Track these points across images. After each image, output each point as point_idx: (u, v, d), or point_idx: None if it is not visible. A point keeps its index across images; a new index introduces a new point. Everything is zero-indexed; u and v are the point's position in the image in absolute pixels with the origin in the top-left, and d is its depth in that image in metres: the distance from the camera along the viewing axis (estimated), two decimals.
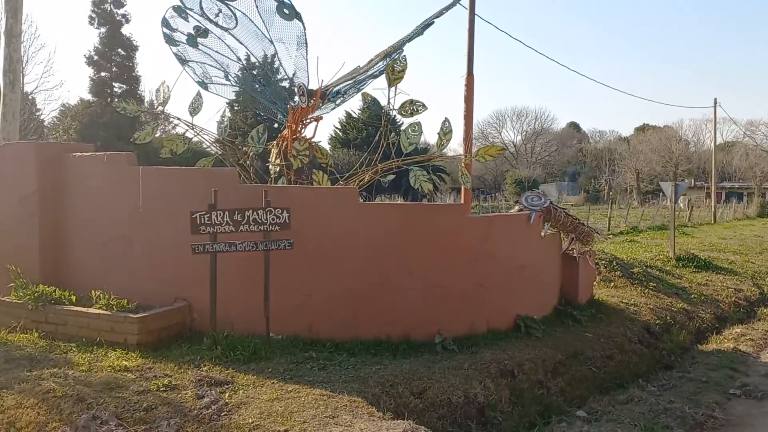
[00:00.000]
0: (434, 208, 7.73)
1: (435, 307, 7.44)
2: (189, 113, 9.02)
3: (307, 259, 7.01)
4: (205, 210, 6.40)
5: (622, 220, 31.25)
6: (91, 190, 7.60)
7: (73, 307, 6.90)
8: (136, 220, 7.34)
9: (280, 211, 6.51)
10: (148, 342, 6.55)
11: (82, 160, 7.63)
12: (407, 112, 8.79)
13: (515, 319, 8.23)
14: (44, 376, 5.53)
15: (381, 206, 7.53)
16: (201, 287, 6.88)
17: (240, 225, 6.45)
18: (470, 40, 11.37)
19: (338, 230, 7.11)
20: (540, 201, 8.53)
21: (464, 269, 7.63)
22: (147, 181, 7.27)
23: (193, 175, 7.30)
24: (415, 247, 7.34)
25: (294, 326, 7.06)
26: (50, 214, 7.72)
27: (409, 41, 8.91)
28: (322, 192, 7.24)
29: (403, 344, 7.19)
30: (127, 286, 7.27)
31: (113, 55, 45.21)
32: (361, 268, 7.18)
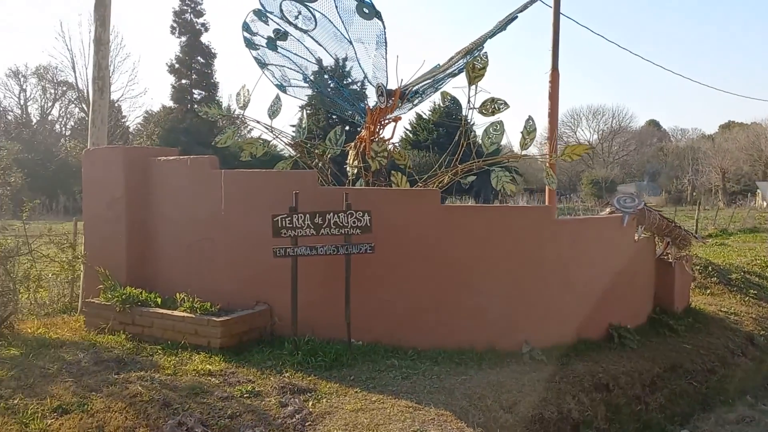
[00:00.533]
0: (520, 210, 7.36)
1: (521, 314, 7.07)
2: (268, 116, 9.02)
3: (388, 263, 6.81)
4: (286, 213, 6.31)
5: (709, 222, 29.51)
6: (175, 193, 7.69)
7: (158, 309, 6.97)
8: (218, 223, 7.36)
9: (362, 214, 6.33)
10: (230, 345, 6.52)
11: (167, 163, 7.74)
12: (488, 111, 8.44)
13: (607, 328, 7.73)
14: (131, 380, 5.57)
15: (464, 209, 7.23)
16: (281, 290, 6.81)
17: (321, 228, 6.32)
18: (555, 34, 10.84)
19: (419, 233, 6.87)
20: (634, 203, 8.00)
21: (552, 275, 7.22)
22: (229, 184, 7.27)
23: (274, 178, 7.25)
24: (500, 251, 7.00)
25: (374, 332, 6.87)
26: (136, 217, 7.86)
27: (492, 37, 8.57)
28: (403, 194, 7.02)
29: (488, 353, 6.86)
30: (209, 288, 7.29)
31: (193, 62, 46.94)
32: (443, 272, 6.91)
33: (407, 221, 6.86)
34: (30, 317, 8.21)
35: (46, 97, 52.31)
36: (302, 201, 6.50)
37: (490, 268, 6.97)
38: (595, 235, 7.60)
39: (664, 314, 8.73)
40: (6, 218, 7.90)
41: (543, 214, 7.19)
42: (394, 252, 6.81)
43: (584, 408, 6.05)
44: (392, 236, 6.78)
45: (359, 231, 6.34)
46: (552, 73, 11.03)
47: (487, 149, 8.37)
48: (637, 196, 8.15)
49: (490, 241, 6.96)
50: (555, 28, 10.92)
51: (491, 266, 6.97)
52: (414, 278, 6.87)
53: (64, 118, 53.57)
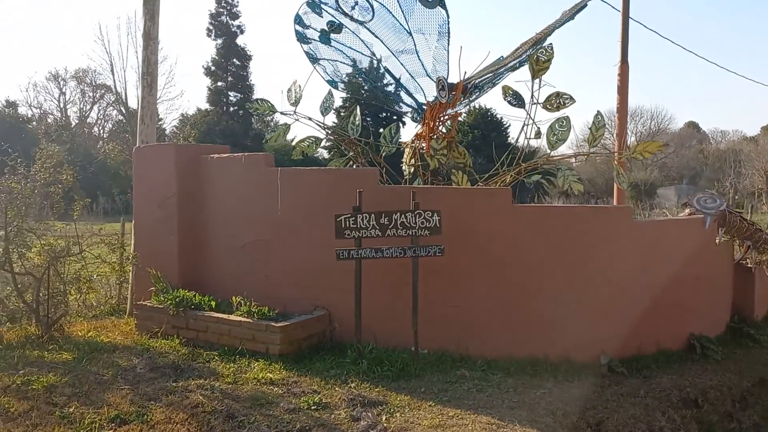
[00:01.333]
0: (597, 211, 6.86)
1: (598, 323, 6.57)
2: (320, 113, 8.68)
3: (456, 267, 6.37)
4: (349, 212, 5.93)
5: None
6: (229, 193, 7.39)
7: (213, 313, 6.66)
8: (274, 224, 7.02)
9: (430, 214, 5.92)
10: (289, 352, 6.17)
11: (220, 161, 7.44)
12: (553, 106, 7.95)
13: (688, 338, 7.17)
14: (191, 388, 5.25)
15: (537, 209, 6.77)
16: (341, 295, 6.44)
17: (387, 229, 5.92)
18: (624, 23, 10.22)
19: (489, 235, 6.42)
20: (715, 203, 7.42)
21: (631, 281, 6.69)
22: (285, 182, 6.93)
23: (333, 176, 6.89)
24: (575, 254, 6.51)
25: (441, 340, 6.44)
26: (188, 217, 7.59)
27: (560, 27, 8.08)
28: (472, 193, 6.58)
29: (564, 364, 6.37)
30: (264, 292, 6.96)
31: (229, 65, 47.20)
32: (514, 277, 6.45)
33: (477, 222, 6.42)
34: (78, 319, 7.99)
35: (84, 100, 53.26)
36: (364, 200, 6.12)
37: (565, 272, 6.48)
38: (675, 238, 7.05)
39: (744, 323, 8.10)
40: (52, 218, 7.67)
41: (622, 215, 6.68)
42: (462, 255, 6.37)
43: (676, 426, 5.53)
44: (461, 238, 6.34)
45: (428, 232, 5.92)
46: (621, 65, 10.42)
47: (552, 146, 7.91)
48: (719, 197, 7.57)
49: (565, 244, 6.48)
50: (624, 17, 10.29)
51: (566, 271, 6.48)
52: (484, 283, 6.43)
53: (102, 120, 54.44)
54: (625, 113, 9.89)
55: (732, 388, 6.44)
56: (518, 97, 8.21)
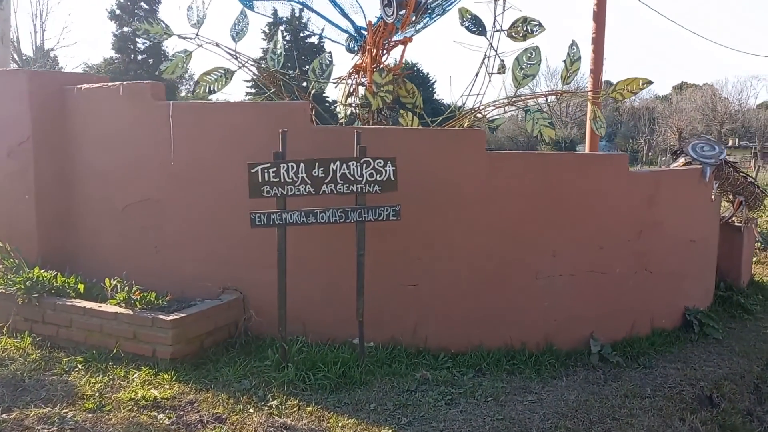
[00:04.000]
0: (589, 159, 5.42)
1: (586, 300, 5.23)
2: (231, 38, 6.78)
3: (413, 233, 4.82)
4: (269, 162, 4.21)
5: None
6: (105, 136, 5.47)
7: (79, 301, 4.83)
8: (166, 177, 5.20)
9: (382, 163, 4.29)
10: (186, 355, 4.48)
11: (91, 93, 5.47)
12: (519, 35, 6.49)
13: (683, 313, 5.98)
14: (28, 423, 3.49)
15: (515, 157, 5.28)
16: (261, 272, 4.80)
17: (323, 184, 4.25)
18: None
19: (457, 191, 4.88)
20: (714, 151, 6.20)
21: (625, 246, 5.37)
22: (180, 120, 5.09)
23: (247, 112, 5.09)
24: (561, 216, 5.09)
25: (392, 329, 4.92)
26: (51, 170, 5.63)
27: None
28: (435, 135, 4.96)
29: (546, 354, 5.01)
30: (155, 270, 5.21)
31: (136, 9, 43.06)
32: (486, 245, 4.97)
33: (441, 174, 4.85)
34: None
35: None
36: (291, 146, 4.42)
37: (550, 237, 5.07)
38: (673, 193, 5.75)
39: (732, 291, 7.04)
40: None
41: (618, 165, 5.28)
42: (423, 218, 4.82)
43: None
44: (420, 195, 4.78)
45: (379, 188, 4.30)
46: None
47: (519, 83, 6.43)
48: (717, 143, 6.35)
49: (550, 202, 5.04)
50: None
51: (550, 236, 5.07)
52: (448, 254, 4.91)
53: None
54: (601, 45, 8.46)
55: (744, 376, 5.29)
56: (478, 23, 6.63)
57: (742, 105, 76.22)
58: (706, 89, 75.96)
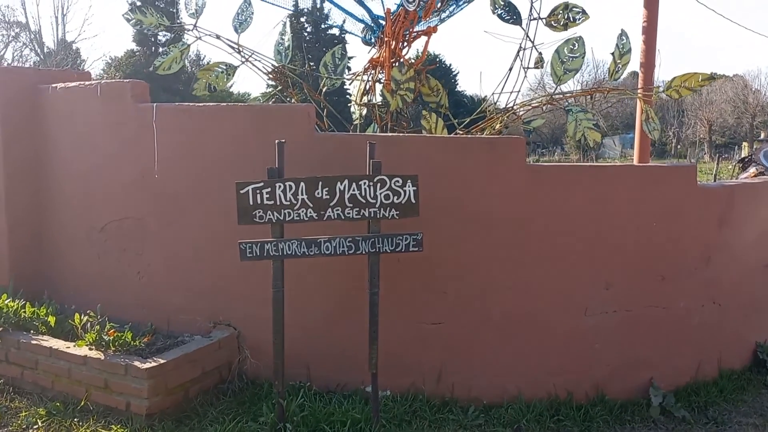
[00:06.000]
0: (651, 172, 4.55)
1: (645, 340, 4.39)
2: (234, 30, 6.04)
3: (437, 263, 4.02)
4: (261, 180, 3.44)
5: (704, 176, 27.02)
6: (81, 143, 4.74)
7: (46, 339, 4.12)
8: (150, 192, 4.45)
9: (401, 182, 3.49)
10: (166, 407, 3.74)
11: (66, 93, 4.74)
12: (560, 23, 5.71)
13: (754, 350, 5.11)
14: None
15: (560, 170, 4.42)
16: (258, 304, 4.04)
17: (328, 207, 3.47)
18: None
19: (489, 213, 4.07)
20: None
21: (691, 275, 4.50)
22: (166, 126, 4.34)
23: (240, 117, 4.31)
24: (616, 241, 4.25)
25: (411, 375, 4.13)
26: (22, 182, 4.93)
27: None
28: (467, 145, 4.12)
29: (596, 406, 4.19)
30: (139, 298, 4.49)
31: (157, 1, 42.64)
32: (524, 276, 4.15)
33: (471, 191, 4.04)
34: None
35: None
36: (292, 158, 3.65)
37: (600, 266, 4.24)
38: (745, 210, 4.87)
39: None
40: None
41: (686, 177, 4.42)
42: (447, 243, 4.02)
43: None
44: (445, 217, 3.98)
45: (397, 213, 3.50)
46: None
47: (560, 79, 5.63)
48: None
49: (602, 222, 4.21)
50: None
51: (602, 264, 4.24)
52: (478, 285, 4.11)
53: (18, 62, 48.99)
54: (654, 35, 7.43)
55: None
56: (513, 10, 5.80)
57: None
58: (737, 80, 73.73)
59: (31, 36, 42.18)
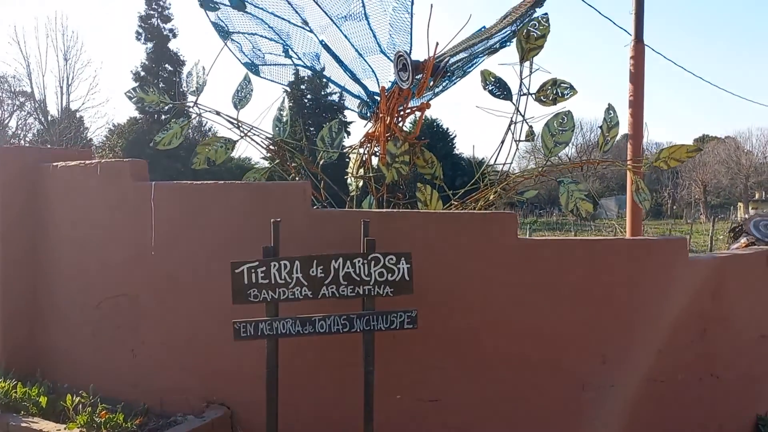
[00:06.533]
0: (642, 245, 4.62)
1: (642, 414, 4.33)
2: (233, 106, 6.22)
3: (432, 338, 4.02)
4: (256, 260, 3.48)
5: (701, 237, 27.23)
6: (80, 220, 4.81)
7: (37, 421, 4.05)
8: (146, 269, 4.48)
9: (394, 260, 3.54)
10: None
11: (66, 172, 4.85)
12: (548, 98, 5.89)
13: (755, 423, 5.03)
14: None
15: (553, 244, 4.48)
16: (253, 383, 3.98)
17: (322, 286, 3.50)
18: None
19: (483, 288, 4.09)
20: None
21: (687, 348, 4.49)
22: (163, 204, 4.42)
23: (237, 195, 4.39)
24: (611, 313, 4.27)
25: None
26: (19, 258, 4.97)
27: None
28: (459, 220, 4.20)
29: None
30: (132, 376, 4.46)
31: (160, 70, 43.82)
32: (520, 351, 4.14)
33: (465, 265, 4.08)
34: None
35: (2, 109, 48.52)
36: (288, 236, 3.71)
37: (597, 341, 4.23)
38: (739, 282, 4.90)
39: None
40: None
41: (676, 250, 4.47)
42: (442, 318, 4.02)
43: None
44: (439, 291, 4.00)
45: (391, 290, 3.53)
46: (635, 45, 8.15)
47: (551, 151, 5.79)
48: None
49: (596, 295, 4.23)
50: None
51: (599, 338, 4.23)
52: (474, 359, 4.08)
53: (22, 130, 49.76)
54: (640, 108, 7.69)
55: None
56: (503, 86, 6.01)
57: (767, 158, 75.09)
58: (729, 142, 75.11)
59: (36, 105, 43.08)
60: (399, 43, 5.54)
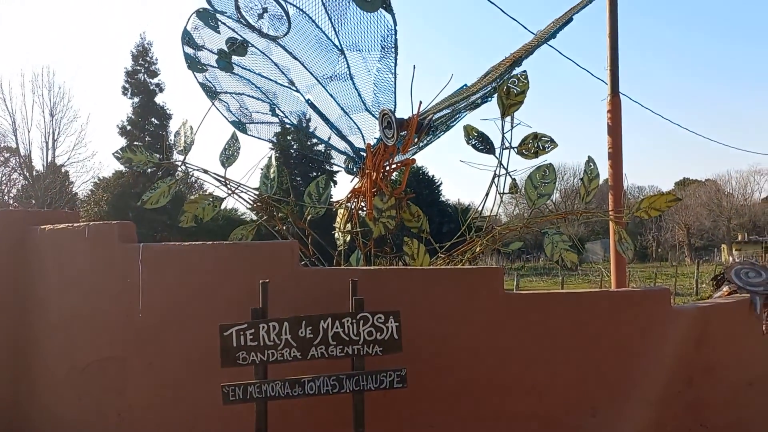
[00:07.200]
0: (626, 297, 4.69)
1: None
2: (221, 164, 6.31)
3: (421, 395, 4.01)
4: (245, 322, 3.50)
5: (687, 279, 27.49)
6: (67, 282, 4.79)
7: None
8: (133, 331, 4.46)
9: (383, 318, 3.57)
10: None
11: (54, 235, 4.86)
12: (530, 151, 6.06)
13: None
14: None
15: (539, 298, 4.54)
16: None
17: (311, 346, 3.51)
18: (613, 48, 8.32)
19: (471, 343, 4.12)
20: (761, 277, 5.46)
21: (675, 398, 4.51)
22: (151, 265, 4.43)
23: (225, 255, 4.42)
24: (599, 364, 4.30)
25: None
26: (6, 320, 4.93)
27: (538, 48, 6.13)
28: (446, 277, 4.26)
29: None
30: None
31: (146, 124, 44.10)
32: (510, 405, 4.14)
33: (452, 321, 4.11)
34: None
35: None
36: (276, 295, 3.73)
37: (584, 389, 4.25)
38: (723, 330, 4.95)
39: None
40: None
41: (660, 301, 4.54)
42: (431, 375, 4.03)
43: None
44: (428, 348, 4.02)
45: (380, 349, 3.56)
46: (612, 99, 8.46)
47: (534, 203, 5.93)
48: (762, 268, 5.63)
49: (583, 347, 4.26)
50: (612, 38, 8.38)
51: (586, 386, 4.25)
52: (464, 415, 4.07)
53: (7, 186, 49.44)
54: (619, 160, 7.91)
55: None
56: (486, 140, 6.19)
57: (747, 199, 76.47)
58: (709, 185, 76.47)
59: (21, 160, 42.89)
60: (383, 102, 5.70)
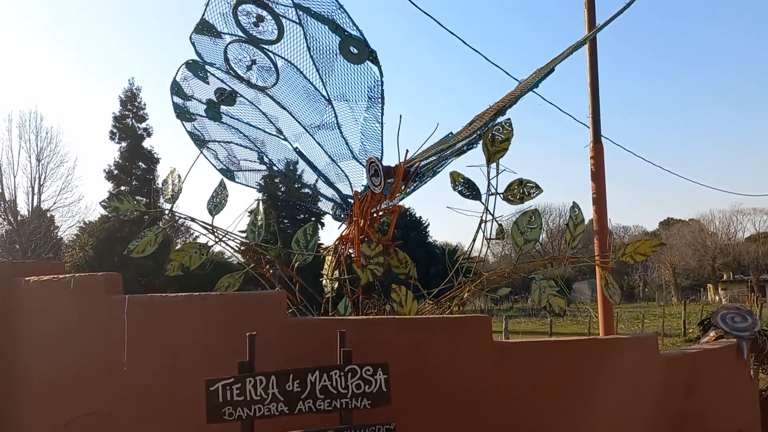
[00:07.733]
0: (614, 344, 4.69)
1: None
2: (208, 212, 6.32)
3: None
4: (231, 376, 3.46)
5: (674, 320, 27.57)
6: (52, 335, 4.71)
7: None
8: (118, 385, 4.37)
9: (371, 371, 3.54)
10: None
11: (39, 287, 4.80)
12: (516, 197, 6.15)
13: None
14: None
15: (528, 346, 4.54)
16: None
17: (299, 400, 3.47)
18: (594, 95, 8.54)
19: (461, 393, 4.09)
20: (747, 322, 5.51)
21: None
22: (136, 317, 4.38)
23: (213, 306, 4.39)
24: (589, 412, 4.27)
25: None
26: None
27: (521, 97, 6.28)
28: (434, 326, 4.24)
29: None
30: None
31: (133, 168, 44.09)
32: None
33: (441, 371, 4.09)
34: None
35: None
36: (263, 347, 3.70)
37: None
38: (711, 376, 4.98)
39: None
40: None
41: (648, 348, 4.55)
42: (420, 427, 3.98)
43: None
44: (416, 399, 3.98)
45: (368, 403, 3.51)
46: (594, 146, 8.63)
47: (521, 249, 5.98)
48: (747, 313, 5.68)
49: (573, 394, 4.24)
50: (593, 88, 8.62)
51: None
52: None
53: None
54: (604, 206, 8.03)
55: None
56: (472, 186, 6.27)
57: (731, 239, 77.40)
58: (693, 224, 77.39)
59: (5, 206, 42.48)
60: (371, 150, 5.78)
